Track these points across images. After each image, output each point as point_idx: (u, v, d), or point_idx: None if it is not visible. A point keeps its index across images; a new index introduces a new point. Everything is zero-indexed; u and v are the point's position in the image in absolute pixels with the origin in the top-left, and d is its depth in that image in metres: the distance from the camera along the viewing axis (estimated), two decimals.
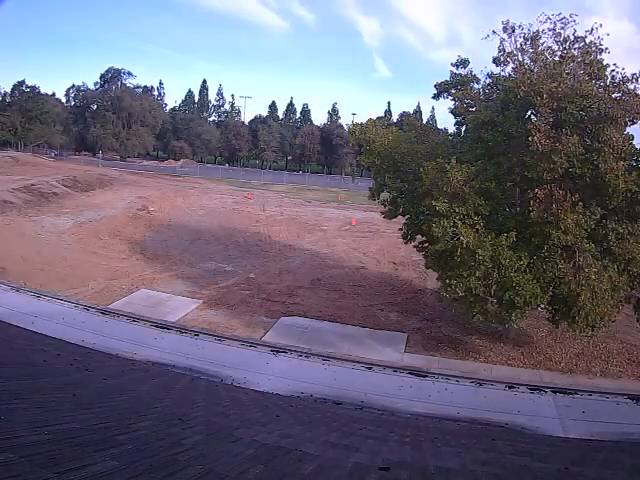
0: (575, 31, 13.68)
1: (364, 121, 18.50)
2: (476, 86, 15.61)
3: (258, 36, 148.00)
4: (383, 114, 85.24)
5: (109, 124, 78.46)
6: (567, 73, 13.17)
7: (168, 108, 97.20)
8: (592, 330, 13.07)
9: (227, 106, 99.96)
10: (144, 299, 19.12)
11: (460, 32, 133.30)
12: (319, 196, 51.53)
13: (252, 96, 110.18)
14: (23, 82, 78.84)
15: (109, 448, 3.20)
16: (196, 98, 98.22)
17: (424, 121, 70.05)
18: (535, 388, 12.18)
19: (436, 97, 16.45)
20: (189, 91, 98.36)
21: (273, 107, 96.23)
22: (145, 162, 78.61)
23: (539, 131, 12.47)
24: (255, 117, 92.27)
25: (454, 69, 15.74)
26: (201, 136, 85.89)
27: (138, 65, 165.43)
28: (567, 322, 13.17)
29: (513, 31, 14.04)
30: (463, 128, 16.68)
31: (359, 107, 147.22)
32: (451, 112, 16.35)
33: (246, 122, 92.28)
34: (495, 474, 4.41)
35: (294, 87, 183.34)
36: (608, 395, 11.82)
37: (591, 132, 13.06)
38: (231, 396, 9.05)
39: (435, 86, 16.22)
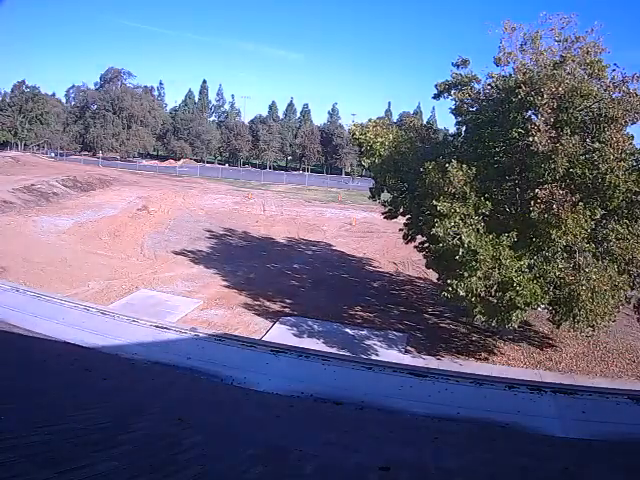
0: (576, 31, 13.69)
1: (364, 121, 18.50)
2: (477, 86, 15.58)
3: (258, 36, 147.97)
4: (383, 114, 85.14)
5: (109, 124, 78.42)
6: (567, 73, 13.16)
7: (168, 108, 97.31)
8: (593, 330, 13.06)
9: (227, 106, 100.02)
10: (144, 299, 19.11)
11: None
12: (319, 196, 51.53)
13: (252, 96, 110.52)
14: (23, 82, 78.91)
15: (109, 448, 3.20)
16: (196, 98, 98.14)
17: (424, 121, 69.94)
18: (535, 388, 12.15)
19: (436, 97, 16.42)
20: (189, 91, 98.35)
21: (273, 107, 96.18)
22: (145, 162, 78.57)
23: (539, 131, 12.46)
24: (255, 117, 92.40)
25: (454, 69, 15.71)
26: (201, 136, 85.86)
27: (138, 65, 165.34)
28: (568, 322, 13.16)
29: (513, 31, 14.03)
30: (464, 128, 16.65)
31: (359, 107, 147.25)
32: (452, 112, 16.33)
33: (246, 122, 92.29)
34: (495, 474, 4.41)
35: (294, 87, 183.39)
36: (608, 395, 11.79)
37: (592, 132, 13.05)
38: (231, 396, 9.05)
39: (435, 86, 16.18)
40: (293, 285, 22.27)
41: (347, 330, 17.41)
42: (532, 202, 12.72)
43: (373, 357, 15.04)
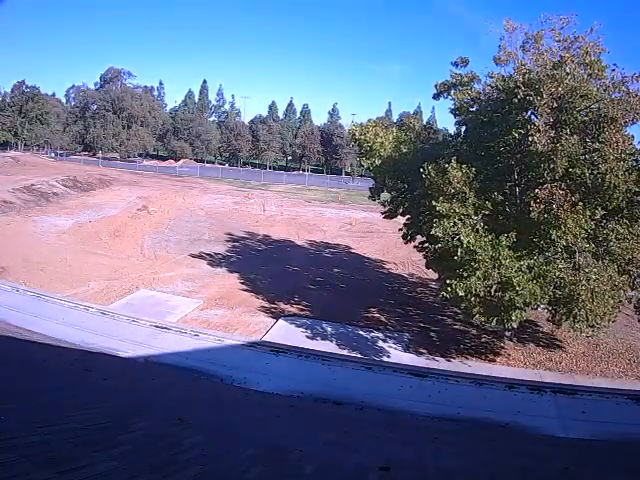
0: (575, 31, 13.69)
1: (364, 121, 18.49)
2: (477, 86, 15.56)
3: (258, 35, 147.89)
4: (384, 114, 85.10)
5: (109, 124, 78.35)
6: (567, 73, 13.15)
7: (168, 108, 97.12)
8: (593, 330, 13.06)
9: (227, 106, 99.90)
10: (144, 299, 19.12)
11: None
12: (319, 196, 51.51)
13: (252, 96, 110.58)
14: (23, 82, 78.86)
15: (109, 448, 3.20)
16: (196, 98, 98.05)
17: (424, 121, 69.87)
18: (535, 388, 12.18)
19: (436, 97, 16.40)
20: (189, 91, 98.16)
21: (273, 107, 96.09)
22: (145, 162, 78.54)
23: (539, 131, 12.46)
24: (255, 117, 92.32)
25: (454, 68, 15.69)
26: (201, 136, 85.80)
27: (138, 65, 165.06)
28: (568, 322, 13.16)
29: (514, 30, 14.02)
30: (463, 128, 16.64)
31: (359, 107, 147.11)
32: (451, 112, 16.31)
33: (246, 122, 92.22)
34: (495, 474, 4.41)
35: (294, 87, 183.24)
36: (608, 395, 11.82)
37: (591, 132, 13.05)
38: (231, 396, 9.06)
39: (435, 86, 16.16)
40: (292, 285, 22.24)
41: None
42: (532, 202, 12.72)
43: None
